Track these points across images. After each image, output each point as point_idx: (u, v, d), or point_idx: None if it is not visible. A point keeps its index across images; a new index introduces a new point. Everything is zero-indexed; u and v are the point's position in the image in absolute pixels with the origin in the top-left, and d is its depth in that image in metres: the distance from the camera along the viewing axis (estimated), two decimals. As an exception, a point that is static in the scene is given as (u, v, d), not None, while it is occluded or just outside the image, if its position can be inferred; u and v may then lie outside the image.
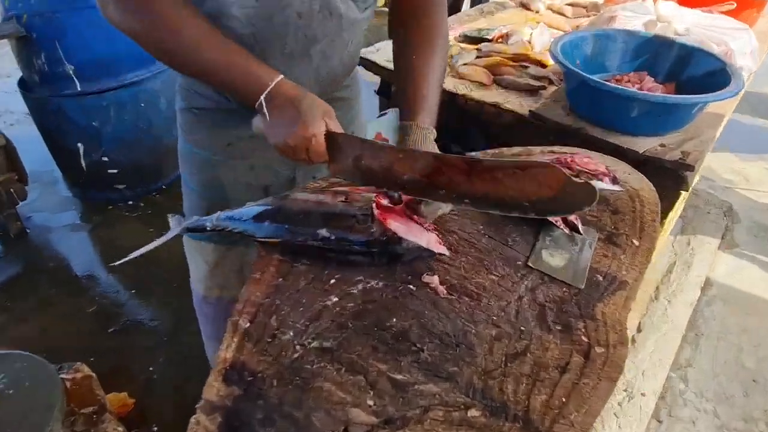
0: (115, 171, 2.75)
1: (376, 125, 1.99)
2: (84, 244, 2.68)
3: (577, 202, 0.76)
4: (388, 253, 0.84)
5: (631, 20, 1.54)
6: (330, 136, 0.87)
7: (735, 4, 1.68)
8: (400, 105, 1.01)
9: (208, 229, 0.94)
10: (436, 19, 1.06)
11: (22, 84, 2.51)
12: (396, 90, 1.05)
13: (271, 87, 0.88)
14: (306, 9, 0.93)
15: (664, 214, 1.39)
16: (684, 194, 1.33)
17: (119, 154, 2.67)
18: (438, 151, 0.92)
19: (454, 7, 4.07)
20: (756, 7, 1.81)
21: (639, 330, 2.28)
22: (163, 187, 2.91)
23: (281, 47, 0.97)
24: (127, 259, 1.00)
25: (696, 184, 3.13)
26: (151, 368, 1.96)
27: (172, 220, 1.01)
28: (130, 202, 2.86)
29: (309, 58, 1.01)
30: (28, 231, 2.67)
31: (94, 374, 0.74)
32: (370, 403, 0.65)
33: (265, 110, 0.89)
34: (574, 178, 0.74)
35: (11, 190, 2.43)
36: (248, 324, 0.75)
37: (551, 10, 2.26)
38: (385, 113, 1.97)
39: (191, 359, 1.94)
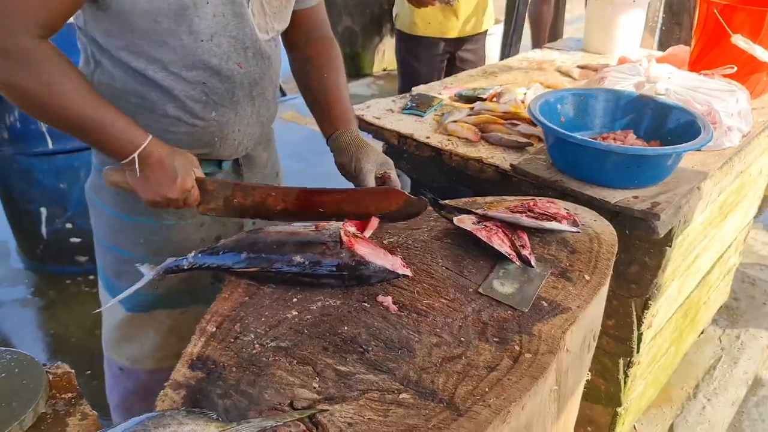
0: (78, 240, 3.12)
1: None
2: (33, 322, 3.00)
3: (413, 212, 1.29)
4: (357, 276, 1.16)
5: (620, 81, 1.94)
6: (200, 182, 1.27)
7: (735, 68, 2.09)
8: (324, 120, 1.48)
9: (185, 268, 1.25)
10: (325, 30, 1.54)
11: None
12: (314, 107, 1.51)
13: (144, 146, 1.21)
14: (243, 59, 1.33)
15: (654, 273, 1.70)
16: (668, 250, 1.64)
17: (85, 221, 3.05)
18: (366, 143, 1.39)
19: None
20: (764, 71, 2.21)
21: (671, 431, 2.49)
22: (129, 260, 3.30)
23: (230, 97, 1.36)
24: (101, 309, 1.39)
25: (751, 270, 3.41)
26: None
27: (142, 268, 1.30)
28: (91, 277, 3.20)
29: (252, 101, 1.41)
30: (-29, 305, 2.97)
31: (73, 371, 1.06)
32: (315, 385, 0.95)
33: (137, 168, 1.22)
34: (414, 197, 1.26)
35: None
36: (214, 329, 1.06)
37: (559, 71, 2.71)
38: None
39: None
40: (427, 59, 2.99)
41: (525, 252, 1.26)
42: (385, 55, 6.16)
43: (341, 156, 1.41)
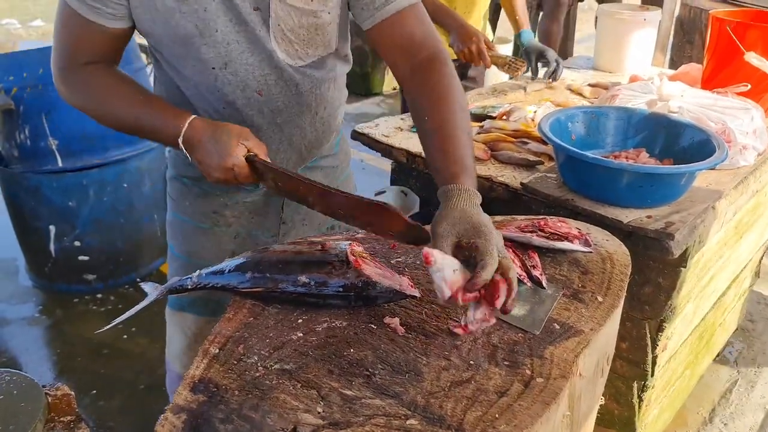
0: (87, 258, 3.13)
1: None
2: (40, 340, 3.00)
3: (416, 237, 1.13)
4: (364, 296, 1.14)
5: (632, 99, 1.92)
6: (250, 161, 1.23)
7: (749, 86, 2.06)
8: (434, 173, 1.16)
9: (189, 288, 1.24)
10: (443, 71, 1.23)
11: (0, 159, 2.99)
12: (426, 157, 1.22)
13: (184, 129, 1.22)
14: (263, 86, 1.31)
15: (668, 294, 1.67)
16: (683, 271, 1.61)
17: (93, 239, 3.06)
18: (485, 217, 1.08)
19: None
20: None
21: (686, 456, 2.43)
22: (138, 280, 3.26)
23: (250, 123, 1.34)
24: (106, 328, 1.34)
25: (767, 291, 3.36)
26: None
27: (146, 286, 1.30)
28: (99, 295, 3.20)
29: (278, 128, 1.38)
30: (-21, 323, 2.98)
31: (72, 393, 1.04)
32: (320, 410, 0.92)
33: (185, 153, 1.24)
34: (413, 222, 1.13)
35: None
36: (218, 350, 1.04)
37: (570, 89, 2.69)
38: (383, 191, 2.38)
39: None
40: None
41: (536, 272, 1.23)
42: (395, 74, 6.18)
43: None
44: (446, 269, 1.00)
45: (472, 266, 1.02)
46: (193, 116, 1.24)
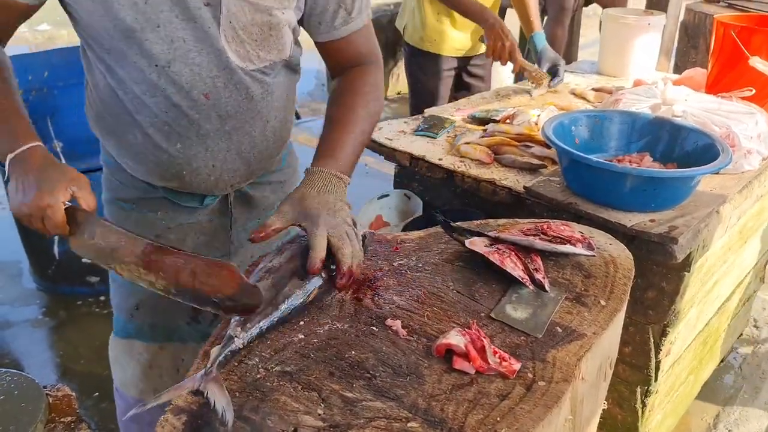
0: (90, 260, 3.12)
1: (377, 207, 2.36)
2: (43, 343, 3.00)
3: (247, 302, 1.03)
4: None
5: (636, 103, 1.92)
6: (69, 210, 1.08)
7: (754, 90, 2.06)
8: (316, 152, 1.26)
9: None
10: (368, 67, 1.36)
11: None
12: (320, 138, 1.31)
13: (23, 148, 1.09)
14: (211, 88, 1.22)
15: (672, 299, 1.66)
16: (687, 275, 1.60)
17: (97, 241, 3.06)
18: (324, 198, 1.16)
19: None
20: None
21: (691, 462, 2.42)
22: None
23: (196, 129, 1.26)
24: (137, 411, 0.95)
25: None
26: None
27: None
28: (102, 298, 3.20)
29: (227, 135, 1.29)
30: (-17, 325, 2.97)
31: (73, 394, 1.04)
32: (320, 412, 0.92)
33: (8, 172, 1.10)
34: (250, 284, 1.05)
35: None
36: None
37: (574, 94, 2.69)
38: (387, 195, 2.37)
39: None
40: (436, 73, 2.99)
41: (539, 276, 1.23)
42: (399, 79, 6.18)
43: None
44: None
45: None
46: (39, 143, 1.12)
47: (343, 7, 1.29)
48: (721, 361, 2.82)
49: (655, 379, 1.83)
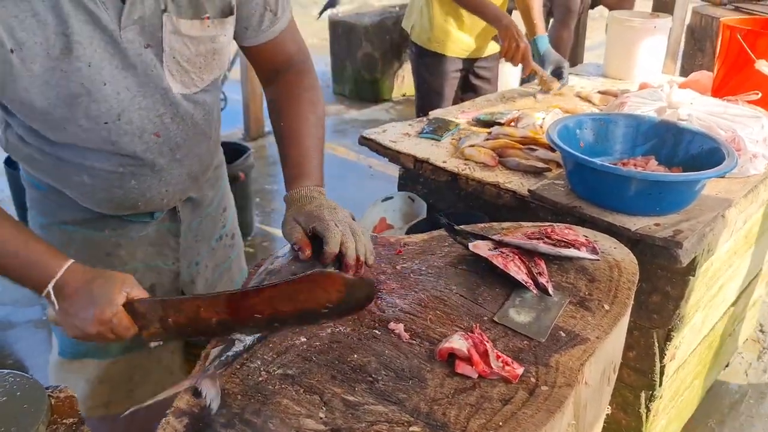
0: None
1: (381, 209, 2.36)
2: (46, 343, 3.00)
3: (361, 297, 1.03)
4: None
5: (641, 106, 1.91)
6: (129, 307, 1.03)
7: (760, 94, 2.05)
8: (284, 172, 1.29)
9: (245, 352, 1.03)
10: (301, 68, 1.36)
11: (9, 162, 3.00)
12: (280, 155, 1.33)
13: (59, 275, 1.04)
14: (159, 126, 1.21)
15: (676, 303, 1.65)
16: (692, 280, 1.59)
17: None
18: (318, 202, 1.20)
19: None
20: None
21: (695, 469, 2.41)
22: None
23: (150, 167, 1.25)
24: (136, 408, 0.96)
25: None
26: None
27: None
28: (105, 298, 3.21)
29: (178, 163, 1.29)
30: (-13, 325, 2.97)
31: (75, 395, 1.04)
32: (322, 416, 0.92)
33: (54, 300, 1.04)
34: (354, 277, 1.06)
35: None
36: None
37: (579, 97, 2.68)
38: (391, 197, 2.36)
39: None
40: (442, 73, 2.98)
41: (542, 280, 1.23)
42: (404, 81, 6.18)
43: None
44: None
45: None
46: (72, 260, 1.07)
47: (269, 8, 1.29)
48: (727, 365, 2.81)
49: (660, 384, 1.82)
